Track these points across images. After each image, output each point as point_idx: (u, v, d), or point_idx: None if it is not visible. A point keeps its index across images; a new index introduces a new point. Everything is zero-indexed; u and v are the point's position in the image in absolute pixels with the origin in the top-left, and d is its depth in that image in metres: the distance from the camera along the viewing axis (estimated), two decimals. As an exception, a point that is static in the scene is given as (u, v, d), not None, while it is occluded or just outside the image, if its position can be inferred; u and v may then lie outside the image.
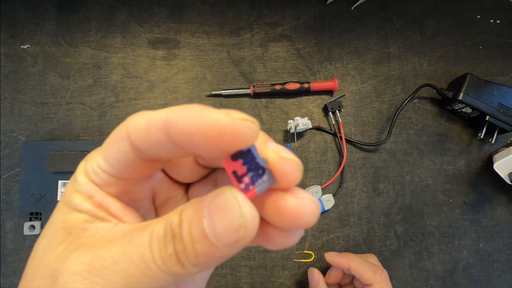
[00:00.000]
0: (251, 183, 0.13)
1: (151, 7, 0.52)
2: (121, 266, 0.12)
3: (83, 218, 0.15)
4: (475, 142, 0.52)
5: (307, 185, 0.50)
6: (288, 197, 0.13)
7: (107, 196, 0.15)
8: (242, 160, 0.13)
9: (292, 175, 0.13)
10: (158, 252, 0.12)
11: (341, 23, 0.53)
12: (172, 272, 0.12)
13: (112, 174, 0.15)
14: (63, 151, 0.45)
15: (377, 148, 0.51)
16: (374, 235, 0.50)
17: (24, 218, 0.47)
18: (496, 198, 0.51)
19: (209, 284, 0.48)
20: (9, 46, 0.50)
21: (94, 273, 0.12)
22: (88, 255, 0.13)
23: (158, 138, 0.13)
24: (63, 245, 0.14)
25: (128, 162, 0.14)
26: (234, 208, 0.12)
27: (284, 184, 0.14)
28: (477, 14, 0.55)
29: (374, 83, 0.53)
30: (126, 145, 0.14)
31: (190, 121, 0.12)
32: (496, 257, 0.50)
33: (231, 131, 0.12)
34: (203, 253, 0.12)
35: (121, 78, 0.51)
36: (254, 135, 0.13)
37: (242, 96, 0.51)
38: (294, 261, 0.49)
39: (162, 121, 0.12)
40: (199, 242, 0.12)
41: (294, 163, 0.13)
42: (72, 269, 0.13)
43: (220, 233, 0.12)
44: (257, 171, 0.13)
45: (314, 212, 0.13)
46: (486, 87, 0.49)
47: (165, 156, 0.14)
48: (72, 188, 0.15)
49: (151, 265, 0.12)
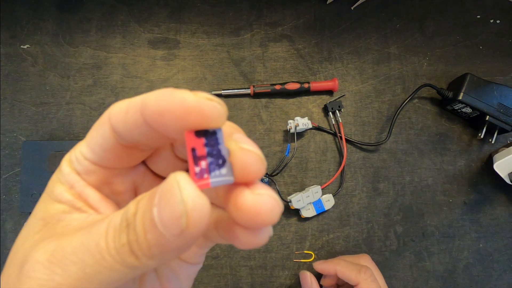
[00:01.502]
0: (207, 171, 0.12)
1: (151, 7, 0.52)
2: (78, 256, 0.12)
3: (61, 208, 0.15)
4: (475, 142, 0.52)
5: (307, 185, 0.50)
6: (246, 192, 0.13)
7: (87, 186, 0.15)
8: (205, 140, 0.12)
9: (252, 168, 0.13)
10: (112, 242, 0.12)
11: (341, 23, 0.53)
12: (127, 263, 0.12)
13: (93, 162, 0.15)
14: (63, 151, 0.45)
15: (377, 148, 0.51)
16: (374, 235, 0.50)
17: (24, 218, 0.47)
18: (496, 198, 0.51)
19: (209, 284, 0.48)
20: (9, 46, 0.50)
21: (55, 263, 0.12)
22: (52, 245, 0.13)
23: (135, 120, 0.13)
24: (38, 235, 0.14)
25: (109, 147, 0.14)
26: (175, 194, 0.11)
27: (243, 177, 0.13)
28: (477, 14, 0.55)
29: (374, 83, 0.53)
30: (107, 129, 0.14)
31: (160, 101, 0.12)
32: (496, 257, 0.50)
33: (196, 109, 0.12)
34: (155, 243, 0.12)
35: (121, 78, 0.51)
36: (219, 116, 0.12)
37: (242, 96, 0.51)
38: (294, 261, 0.49)
39: (139, 103, 0.13)
40: (150, 231, 0.11)
41: (255, 155, 0.13)
42: (36, 258, 0.13)
43: (165, 222, 0.11)
44: (217, 160, 0.13)
45: (273, 210, 0.13)
46: (486, 87, 0.49)
47: (142, 141, 0.14)
48: (56, 179, 0.15)
49: (105, 255, 0.12)
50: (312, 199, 0.47)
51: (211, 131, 0.13)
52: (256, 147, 0.13)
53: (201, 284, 0.48)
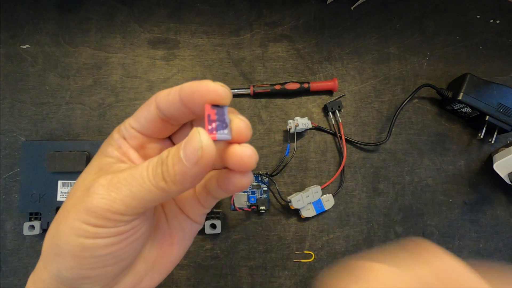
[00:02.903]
0: (215, 129, 0.18)
1: (151, 7, 0.52)
2: (128, 180, 0.19)
3: (111, 160, 0.21)
4: (475, 142, 0.52)
5: (307, 185, 0.50)
6: (236, 146, 0.19)
7: (130, 147, 0.22)
8: (217, 110, 0.19)
9: (243, 131, 0.19)
10: (152, 172, 0.18)
11: (341, 23, 0.53)
12: (159, 186, 0.18)
13: (137, 130, 0.21)
14: (63, 151, 0.45)
15: (377, 148, 0.51)
16: (374, 235, 0.50)
17: (23, 218, 0.47)
18: (496, 198, 0.51)
19: (209, 284, 0.48)
20: (9, 46, 0.50)
21: (112, 185, 0.19)
22: (110, 176, 0.19)
23: (174, 98, 0.19)
24: (96, 175, 0.20)
25: (151, 119, 0.21)
26: (196, 137, 0.17)
27: (237, 136, 0.19)
28: (477, 14, 0.55)
29: (374, 83, 0.53)
30: (153, 106, 0.20)
31: (192, 85, 0.19)
32: (496, 257, 0.50)
33: (213, 90, 0.19)
34: (179, 171, 0.18)
35: (121, 78, 0.51)
36: (227, 96, 0.19)
37: (242, 96, 0.51)
38: (294, 261, 0.49)
39: (178, 88, 0.19)
40: (176, 164, 0.18)
41: (245, 123, 0.20)
42: (99, 182, 0.19)
43: (188, 154, 0.17)
44: (222, 124, 0.19)
45: (251, 157, 0.19)
46: (486, 87, 0.49)
47: (175, 114, 0.20)
48: (107, 142, 0.22)
49: (146, 180, 0.18)
50: (312, 199, 0.47)
51: (221, 106, 0.19)
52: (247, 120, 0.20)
53: (201, 284, 0.48)
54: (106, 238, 0.19)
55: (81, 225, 0.18)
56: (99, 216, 0.18)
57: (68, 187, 0.45)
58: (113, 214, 0.18)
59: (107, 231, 0.18)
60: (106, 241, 0.19)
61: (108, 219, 0.18)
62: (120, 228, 0.19)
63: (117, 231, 0.19)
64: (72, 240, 0.18)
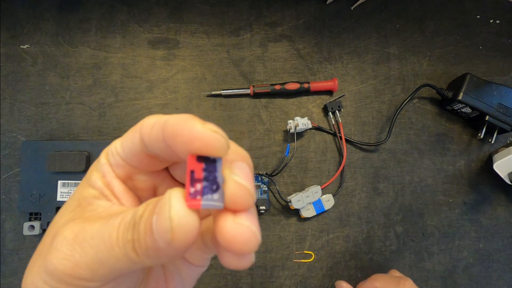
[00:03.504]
0: (200, 194, 0.13)
1: (151, 7, 0.52)
2: (95, 241, 0.14)
3: (92, 193, 0.17)
4: (475, 142, 0.52)
5: (307, 185, 0.50)
6: (229, 219, 0.14)
7: (115, 177, 0.18)
8: (205, 165, 0.14)
9: (240, 200, 0.14)
10: (121, 236, 0.14)
11: (341, 23, 0.53)
12: (129, 257, 0.14)
13: (122, 158, 0.17)
14: (62, 151, 0.45)
15: (377, 148, 0.51)
16: (374, 235, 0.50)
17: (23, 218, 0.46)
18: (496, 198, 0.51)
19: (209, 284, 0.48)
20: (9, 46, 0.50)
21: (77, 243, 0.15)
22: (78, 227, 0.15)
23: (157, 136, 0.15)
24: (72, 213, 0.17)
25: (136, 152, 0.17)
26: (165, 210, 0.13)
27: (231, 206, 0.14)
28: (477, 14, 0.55)
29: (374, 83, 0.53)
30: (137, 137, 0.16)
31: (176, 124, 0.14)
32: (496, 257, 0.50)
33: (200, 137, 0.14)
34: (151, 247, 0.13)
35: (121, 78, 0.51)
36: (220, 147, 0.14)
37: (242, 96, 0.51)
38: (294, 261, 0.49)
39: (162, 122, 0.15)
40: (148, 235, 0.13)
41: (244, 189, 0.14)
42: (64, 234, 0.15)
43: (158, 232, 0.13)
44: (212, 185, 0.14)
45: (248, 241, 0.14)
46: (486, 87, 0.49)
47: (160, 154, 0.16)
48: (94, 167, 0.18)
49: (114, 246, 0.14)
50: (312, 199, 0.47)
51: (212, 159, 0.14)
52: (249, 181, 0.14)
53: (201, 284, 0.48)
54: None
55: (43, 285, 0.15)
56: (60, 280, 0.15)
57: (68, 187, 0.45)
58: (76, 280, 0.15)
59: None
60: None
61: (72, 284, 0.15)
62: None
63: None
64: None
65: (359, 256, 0.49)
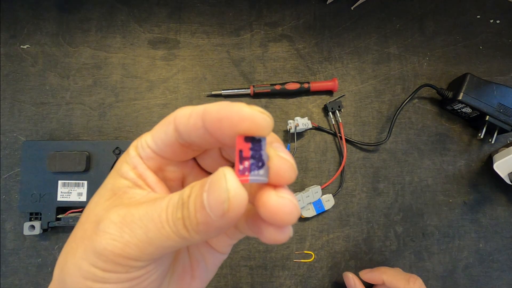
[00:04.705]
0: (248, 170, 0.15)
1: (151, 7, 0.52)
2: (144, 222, 0.16)
3: (126, 183, 0.18)
4: (475, 142, 0.52)
5: (307, 185, 0.50)
6: (272, 193, 0.15)
7: (147, 169, 0.19)
8: (251, 145, 0.15)
9: (285, 174, 0.15)
10: (171, 215, 0.15)
11: (341, 23, 0.53)
12: (179, 234, 0.15)
13: (154, 151, 0.18)
14: (63, 151, 0.45)
15: (377, 148, 0.51)
16: (374, 235, 0.50)
17: (24, 218, 0.47)
18: (496, 198, 0.51)
19: (209, 284, 0.48)
20: (9, 46, 0.50)
21: (126, 224, 0.16)
22: (124, 211, 0.16)
23: (195, 123, 0.16)
24: (108, 202, 0.18)
25: (169, 143, 0.18)
26: (221, 183, 0.14)
27: (276, 180, 0.15)
28: (477, 14, 0.55)
29: (374, 83, 0.53)
30: (171, 128, 0.17)
31: (221, 109, 0.15)
32: (496, 257, 0.50)
33: (249, 118, 0.15)
34: (202, 221, 0.15)
35: (121, 78, 0.51)
36: (267, 126, 0.15)
37: (242, 96, 0.51)
38: (294, 261, 0.49)
39: (201, 111, 0.16)
40: (199, 211, 0.14)
41: (289, 163, 0.15)
42: (111, 218, 0.16)
43: (211, 205, 0.14)
44: (258, 162, 0.15)
45: (291, 212, 0.15)
46: (486, 87, 0.49)
47: (197, 142, 0.17)
48: (123, 159, 0.19)
49: (165, 224, 0.15)
50: (312, 199, 0.47)
51: (257, 139, 0.15)
52: (291, 157, 0.16)
53: (201, 284, 0.48)
54: (115, 283, 0.16)
55: (89, 267, 0.16)
56: (109, 260, 0.16)
57: (69, 187, 0.45)
58: (125, 260, 0.16)
59: (117, 277, 0.16)
60: (116, 287, 0.16)
61: (119, 264, 0.16)
62: (132, 274, 0.16)
63: (128, 277, 0.16)
64: (78, 281, 0.16)
65: (359, 256, 0.49)
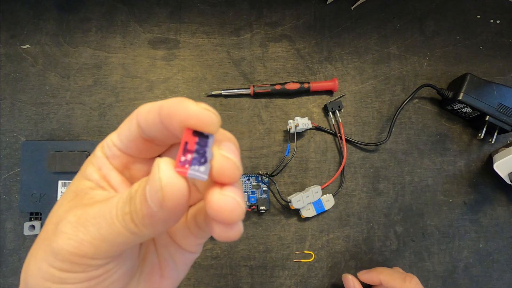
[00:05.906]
0: (189, 163, 0.15)
1: (151, 7, 0.52)
2: (96, 220, 0.16)
3: (89, 185, 0.19)
4: (475, 142, 0.52)
5: (307, 185, 0.50)
6: (216, 191, 0.15)
7: (112, 169, 0.19)
8: (198, 139, 0.15)
9: (227, 173, 0.15)
10: (120, 210, 0.16)
11: (341, 23, 0.53)
12: (129, 228, 0.15)
13: (120, 148, 0.19)
14: (63, 151, 0.45)
15: (377, 148, 0.51)
16: (374, 235, 0.50)
17: (24, 218, 0.47)
18: (496, 198, 0.51)
19: (209, 284, 0.48)
20: (9, 46, 0.50)
21: (80, 223, 0.16)
22: (80, 211, 0.17)
23: (153, 118, 0.16)
24: (70, 203, 0.18)
25: (133, 138, 0.18)
26: (155, 173, 0.14)
27: (219, 178, 0.15)
28: (477, 14, 0.55)
29: (374, 83, 0.53)
30: (134, 124, 0.17)
31: (171, 106, 0.16)
32: (496, 257, 0.50)
33: (195, 114, 0.15)
34: (146, 214, 0.15)
35: (121, 78, 0.51)
36: (212, 123, 0.15)
37: (242, 96, 0.51)
38: (294, 261, 0.49)
39: (158, 106, 0.16)
40: (143, 204, 0.15)
41: (231, 163, 0.15)
42: (68, 218, 0.16)
43: (149, 195, 0.14)
44: (201, 158, 0.15)
45: (233, 210, 0.15)
46: (486, 87, 0.49)
47: (157, 136, 0.17)
48: (89, 161, 0.19)
49: (114, 220, 0.15)
50: (312, 199, 0.47)
51: (205, 135, 0.15)
52: (236, 157, 0.16)
53: (201, 284, 0.48)
54: (74, 283, 0.16)
55: (48, 268, 0.16)
56: (65, 259, 0.16)
57: (68, 187, 0.45)
58: (81, 258, 0.16)
59: (75, 277, 0.16)
60: (75, 287, 0.16)
61: (76, 263, 0.16)
62: (90, 274, 0.16)
63: (87, 277, 0.16)
64: (38, 282, 0.16)
65: (359, 256, 0.49)
